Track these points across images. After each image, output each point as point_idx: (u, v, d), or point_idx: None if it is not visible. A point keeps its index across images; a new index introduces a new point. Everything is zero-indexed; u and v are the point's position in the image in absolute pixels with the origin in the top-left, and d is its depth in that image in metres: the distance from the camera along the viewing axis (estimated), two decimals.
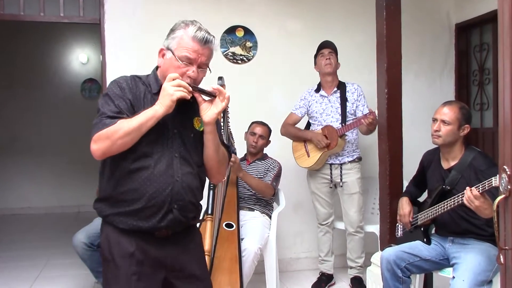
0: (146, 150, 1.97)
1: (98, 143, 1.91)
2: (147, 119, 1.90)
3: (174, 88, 1.90)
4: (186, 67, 1.99)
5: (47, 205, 7.75)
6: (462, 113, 2.90)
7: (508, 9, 1.43)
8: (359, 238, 4.12)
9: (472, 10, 4.67)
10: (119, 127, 1.89)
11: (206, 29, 2.04)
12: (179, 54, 1.99)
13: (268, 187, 3.90)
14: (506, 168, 1.41)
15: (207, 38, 2.00)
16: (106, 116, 1.93)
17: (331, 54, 4.08)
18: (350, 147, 4.11)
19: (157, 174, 1.97)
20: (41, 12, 4.41)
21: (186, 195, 2.01)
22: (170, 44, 2.03)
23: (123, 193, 1.98)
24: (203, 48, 1.99)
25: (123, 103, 1.98)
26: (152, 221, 1.97)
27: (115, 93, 1.99)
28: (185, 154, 2.06)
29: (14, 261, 5.04)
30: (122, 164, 1.97)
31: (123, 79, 2.07)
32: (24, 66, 7.68)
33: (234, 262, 3.24)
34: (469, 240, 2.86)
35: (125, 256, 1.98)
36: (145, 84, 2.08)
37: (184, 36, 1.99)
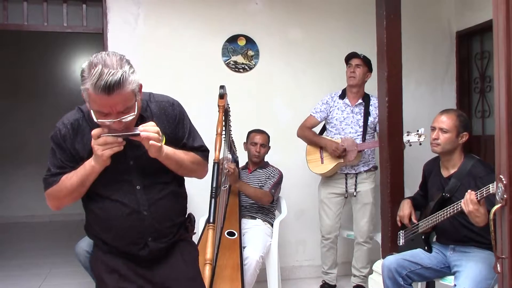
0: (105, 192, 1.94)
1: (48, 200, 1.97)
2: (87, 175, 1.86)
3: (101, 147, 1.77)
4: (105, 119, 1.77)
5: (50, 213, 7.71)
6: (460, 121, 2.91)
7: (502, 19, 1.44)
8: (366, 249, 4.09)
9: (473, 18, 4.68)
10: (61, 187, 1.90)
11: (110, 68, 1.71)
12: (93, 109, 1.77)
13: (266, 194, 3.89)
14: (502, 177, 1.42)
15: (111, 84, 1.68)
16: (49, 174, 1.95)
17: (358, 67, 3.99)
18: (366, 158, 4.07)
19: (122, 213, 1.93)
20: (45, 22, 4.45)
21: (159, 224, 1.98)
22: (84, 95, 1.80)
23: (97, 229, 2.01)
24: (111, 98, 1.71)
25: (64, 155, 1.94)
26: (129, 249, 1.99)
27: (55, 143, 1.95)
28: (149, 181, 1.98)
29: (18, 270, 5.05)
30: (89, 204, 1.99)
31: (63, 124, 1.96)
32: (28, 75, 7.73)
33: (236, 271, 3.24)
34: (470, 248, 2.86)
35: (111, 272, 1.99)
36: (87, 122, 1.96)
37: (90, 90, 1.73)
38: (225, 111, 3.45)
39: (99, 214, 1.97)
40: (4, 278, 4.75)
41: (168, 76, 4.46)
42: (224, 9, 4.62)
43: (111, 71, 1.70)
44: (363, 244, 4.08)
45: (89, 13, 4.53)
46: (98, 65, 1.71)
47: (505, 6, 1.41)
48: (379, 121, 3.53)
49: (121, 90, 1.71)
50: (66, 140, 1.93)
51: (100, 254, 2.04)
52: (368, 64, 4.02)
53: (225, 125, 3.48)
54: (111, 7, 4.41)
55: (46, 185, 1.94)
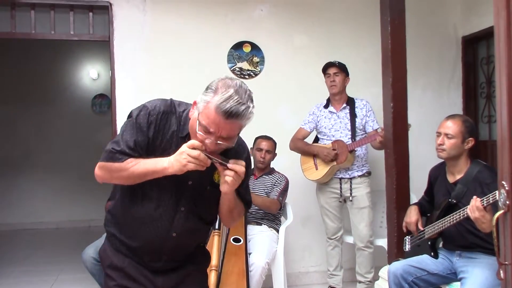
0: (152, 194, 1.91)
1: (100, 170, 1.91)
2: (154, 171, 1.81)
3: (189, 158, 1.73)
4: (204, 136, 1.77)
5: (58, 220, 7.80)
6: (466, 126, 2.91)
7: (503, 25, 1.45)
8: (368, 253, 4.10)
9: (479, 22, 4.67)
10: (123, 167, 1.83)
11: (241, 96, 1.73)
12: (201, 120, 1.76)
13: (273, 203, 3.91)
14: (505, 183, 1.42)
15: (233, 112, 1.71)
16: (119, 150, 1.85)
17: (336, 75, 4.09)
18: (359, 162, 4.12)
19: (155, 224, 1.92)
20: (52, 30, 4.49)
21: (180, 249, 1.98)
22: (199, 104, 1.79)
23: (124, 224, 1.99)
24: (225, 123, 1.72)
25: (141, 138, 1.87)
26: (143, 259, 1.98)
27: (140, 125, 1.87)
28: (194, 209, 1.95)
29: (26, 276, 5.07)
30: (130, 198, 1.95)
31: (156, 109, 1.90)
32: (35, 83, 7.78)
33: (241, 277, 3.24)
34: (477, 254, 2.84)
35: (116, 269, 1.99)
36: (177, 121, 1.92)
37: (210, 104, 1.73)
38: None
39: (133, 212, 1.93)
40: (12, 284, 4.78)
41: (173, 83, 4.48)
42: (229, 16, 4.64)
43: (240, 101, 1.72)
44: (364, 249, 4.10)
45: (96, 21, 4.57)
46: (230, 88, 1.73)
47: (506, 12, 1.42)
48: (384, 127, 3.53)
49: (237, 121, 1.74)
50: (151, 127, 1.87)
51: (111, 250, 2.03)
52: (345, 70, 4.13)
53: None
54: (117, 15, 4.45)
55: (109, 158, 1.85)
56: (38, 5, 4.45)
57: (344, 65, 4.14)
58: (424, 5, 4.84)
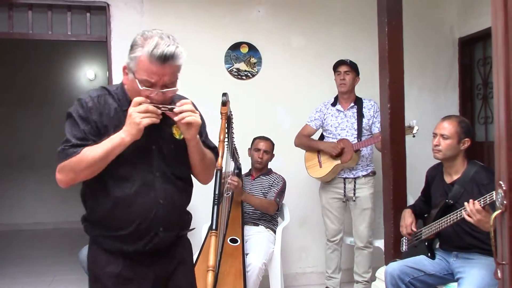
0: (124, 173, 1.88)
1: (61, 173, 1.86)
2: (113, 147, 1.79)
3: (140, 115, 1.76)
4: (149, 90, 1.81)
5: (54, 220, 7.77)
6: (461, 127, 2.92)
7: (501, 26, 1.45)
8: (367, 253, 4.11)
9: (475, 24, 4.69)
10: (82, 158, 1.80)
11: (166, 40, 1.82)
12: (139, 78, 1.80)
13: (271, 204, 3.91)
14: (502, 183, 1.42)
15: (167, 54, 1.78)
16: (69, 145, 1.84)
17: (347, 74, 4.07)
18: (364, 162, 4.10)
19: (138, 199, 1.88)
20: (49, 30, 4.48)
21: (171, 217, 1.95)
22: (130, 64, 1.84)
23: (106, 217, 1.93)
24: (164, 67, 1.79)
25: (88, 127, 1.86)
26: (137, 245, 1.93)
27: (79, 115, 1.87)
28: (167, 170, 1.95)
29: (22, 277, 5.06)
30: (103, 189, 1.91)
31: (89, 97, 1.91)
32: (32, 84, 7.76)
33: (238, 278, 3.24)
34: (474, 255, 2.85)
35: (111, 276, 1.94)
36: (115, 99, 1.94)
37: (142, 57, 1.78)
38: (227, 118, 3.46)
39: (116, 193, 1.88)
40: (9, 284, 4.77)
41: None
42: (226, 17, 4.64)
43: (168, 43, 1.80)
44: (363, 248, 4.10)
45: (93, 22, 4.56)
46: (154, 37, 1.80)
47: (504, 12, 1.42)
48: (381, 128, 3.53)
49: (173, 62, 1.81)
50: (93, 112, 1.87)
51: (100, 254, 1.98)
52: (355, 69, 4.12)
53: (227, 132, 3.49)
54: (114, 15, 4.44)
55: (64, 156, 1.82)
56: (36, 6, 4.44)
57: (355, 64, 4.12)
58: (420, 6, 4.85)
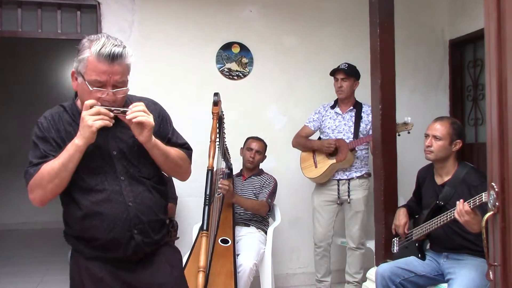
0: (88, 183, 1.89)
1: (32, 193, 1.89)
2: (70, 156, 1.81)
3: (92, 117, 1.76)
4: (100, 91, 1.82)
5: (43, 220, 7.70)
6: (454, 128, 2.93)
7: (494, 27, 1.45)
8: (359, 254, 4.11)
9: (466, 26, 4.71)
10: (43, 173, 1.83)
11: (113, 41, 1.83)
12: (88, 79, 1.81)
13: (262, 205, 3.91)
14: (494, 185, 1.43)
15: (115, 53, 1.79)
16: (31, 165, 1.89)
17: (344, 81, 4.06)
18: (359, 163, 4.10)
19: (107, 206, 1.89)
20: (39, 28, 4.44)
21: (144, 217, 1.93)
22: (79, 67, 1.85)
23: (80, 231, 1.95)
24: (112, 66, 1.80)
25: (47, 145, 1.89)
26: (116, 252, 1.92)
27: (38, 137, 1.92)
28: (133, 172, 1.95)
29: (10, 277, 5.01)
30: (72, 202, 1.92)
31: (43, 118, 1.95)
32: (22, 82, 7.70)
33: (229, 278, 3.23)
34: (464, 256, 2.86)
35: (95, 281, 1.93)
36: (69, 114, 1.96)
37: (90, 57, 1.80)
38: (219, 118, 3.45)
39: (85, 204, 1.89)
40: None
41: (162, 83, 4.46)
42: (218, 16, 4.63)
43: (115, 43, 1.82)
44: (356, 249, 4.11)
45: (84, 20, 4.52)
46: (101, 38, 1.83)
47: (497, 14, 1.42)
48: (372, 129, 3.54)
49: (122, 61, 1.82)
50: (49, 131, 1.91)
51: (82, 261, 1.97)
52: (353, 74, 4.10)
53: (219, 132, 3.48)
54: (105, 14, 4.41)
55: (28, 177, 1.87)
56: (25, 3, 4.39)
57: (353, 68, 4.11)
58: (411, 8, 4.87)
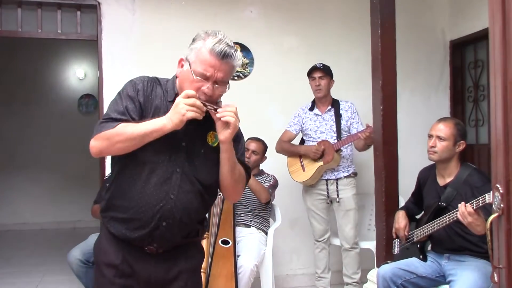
0: (147, 158, 1.90)
1: (97, 141, 1.87)
2: (153, 130, 1.81)
3: (186, 107, 1.77)
4: (201, 83, 1.85)
5: (42, 221, 7.70)
6: (458, 129, 2.92)
7: (499, 28, 1.44)
8: (354, 254, 4.11)
9: (467, 27, 4.71)
10: (121, 131, 1.82)
11: (228, 41, 1.87)
12: (195, 69, 1.85)
13: (265, 190, 3.89)
14: (499, 186, 1.41)
15: (227, 52, 1.84)
16: (109, 118, 1.88)
17: (321, 79, 4.08)
18: (345, 163, 4.12)
19: (151, 187, 1.89)
20: (39, 28, 4.43)
21: (177, 214, 1.91)
22: (189, 55, 1.90)
23: (117, 198, 1.95)
24: (221, 64, 1.84)
25: (132, 105, 1.90)
26: (138, 233, 1.92)
27: (126, 94, 1.93)
28: (189, 170, 1.94)
29: (9, 277, 5.00)
30: (123, 169, 1.94)
31: (140, 80, 1.98)
32: (21, 82, 7.68)
33: (230, 279, 3.23)
34: (465, 257, 2.86)
35: (109, 266, 1.95)
36: (163, 90, 1.99)
37: (203, 49, 1.85)
38: None
39: (133, 176, 1.91)
40: None
41: None
42: (218, 16, 4.62)
43: (229, 44, 1.87)
44: (350, 249, 4.11)
45: (84, 20, 4.52)
46: (218, 35, 1.88)
47: (501, 14, 1.41)
48: (374, 130, 3.53)
49: (231, 61, 1.86)
50: (139, 94, 1.93)
51: (106, 243, 1.99)
52: (329, 73, 4.13)
53: None
54: (105, 14, 4.40)
55: (100, 128, 1.86)
56: (25, 3, 4.39)
57: (328, 67, 4.13)
58: (412, 9, 4.86)
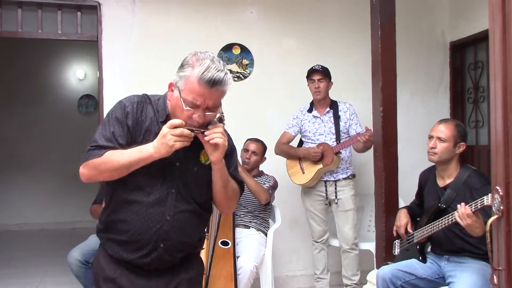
0: (141, 182, 1.89)
1: (85, 169, 1.88)
2: (140, 160, 1.81)
3: (174, 137, 1.76)
4: (192, 111, 1.81)
5: (42, 221, 7.70)
6: (458, 131, 2.93)
7: (499, 29, 1.44)
8: (354, 255, 4.11)
9: (467, 28, 4.71)
10: (107, 160, 1.82)
11: (217, 65, 1.81)
12: (184, 97, 1.81)
13: (265, 191, 3.90)
14: (499, 188, 1.41)
15: (216, 79, 1.77)
16: (96, 146, 1.87)
17: (320, 81, 4.07)
18: (344, 164, 4.12)
19: (147, 209, 1.88)
20: (39, 29, 4.43)
21: (175, 235, 1.92)
22: (178, 82, 1.86)
23: (114, 221, 1.94)
24: (210, 92, 1.79)
25: (119, 129, 1.88)
26: (136, 255, 1.92)
27: (115, 117, 1.90)
28: (184, 190, 1.93)
29: (9, 278, 5.00)
30: (118, 192, 1.92)
31: (130, 101, 1.94)
32: (21, 83, 7.69)
33: (229, 281, 3.23)
34: (465, 259, 2.85)
35: (108, 280, 1.95)
36: (154, 109, 1.96)
37: (191, 77, 1.80)
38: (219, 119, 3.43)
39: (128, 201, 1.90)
40: None
41: (162, 85, 4.40)
42: (219, 18, 4.62)
43: (219, 68, 1.80)
44: (350, 251, 4.10)
45: (84, 21, 4.52)
46: (206, 60, 1.81)
47: (502, 16, 1.41)
48: (374, 131, 3.53)
49: (221, 87, 1.81)
50: (128, 116, 1.91)
51: (103, 260, 1.99)
52: (328, 75, 4.12)
53: None
54: (106, 15, 4.40)
55: (88, 156, 1.86)
56: (25, 4, 4.39)
57: (327, 69, 4.12)
58: (412, 10, 4.86)
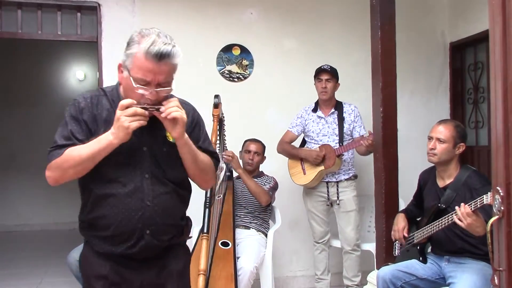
0: (113, 174, 1.87)
1: (49, 171, 1.88)
2: (100, 149, 1.78)
3: (128, 118, 1.73)
4: (144, 89, 1.78)
5: (42, 222, 7.70)
6: (458, 132, 2.93)
7: (499, 30, 1.44)
8: (355, 257, 4.10)
9: (467, 29, 4.71)
10: (69, 157, 1.81)
11: (163, 39, 1.79)
12: (134, 75, 1.78)
13: (265, 193, 3.90)
14: (499, 189, 1.41)
15: (163, 52, 1.75)
16: (55, 146, 1.86)
17: (328, 82, 4.05)
18: (346, 166, 4.12)
19: (124, 200, 1.87)
20: (39, 30, 4.43)
21: (160, 219, 1.90)
22: (126, 61, 1.82)
23: (94, 218, 1.93)
24: (159, 66, 1.76)
25: (77, 126, 1.88)
26: (123, 246, 1.90)
27: (70, 115, 1.90)
28: (158, 172, 1.92)
29: (9, 279, 4.99)
30: (92, 189, 1.91)
31: (83, 97, 1.94)
32: (21, 84, 7.68)
33: (229, 281, 3.22)
34: (465, 259, 2.85)
35: (98, 277, 1.93)
36: (109, 100, 1.94)
37: (138, 54, 1.76)
38: (219, 120, 3.45)
39: (104, 196, 1.88)
40: None
41: None
42: (219, 18, 4.62)
43: (165, 41, 1.77)
44: (351, 252, 4.10)
45: (84, 22, 4.51)
46: (151, 35, 1.78)
47: (502, 17, 1.42)
48: (374, 131, 3.53)
49: (170, 61, 1.78)
50: (84, 113, 1.89)
51: (91, 256, 1.97)
52: (336, 76, 4.11)
53: (219, 134, 3.47)
54: (105, 15, 4.40)
55: (51, 158, 1.85)
56: (25, 5, 4.38)
57: (335, 70, 4.12)
58: (412, 11, 4.86)
